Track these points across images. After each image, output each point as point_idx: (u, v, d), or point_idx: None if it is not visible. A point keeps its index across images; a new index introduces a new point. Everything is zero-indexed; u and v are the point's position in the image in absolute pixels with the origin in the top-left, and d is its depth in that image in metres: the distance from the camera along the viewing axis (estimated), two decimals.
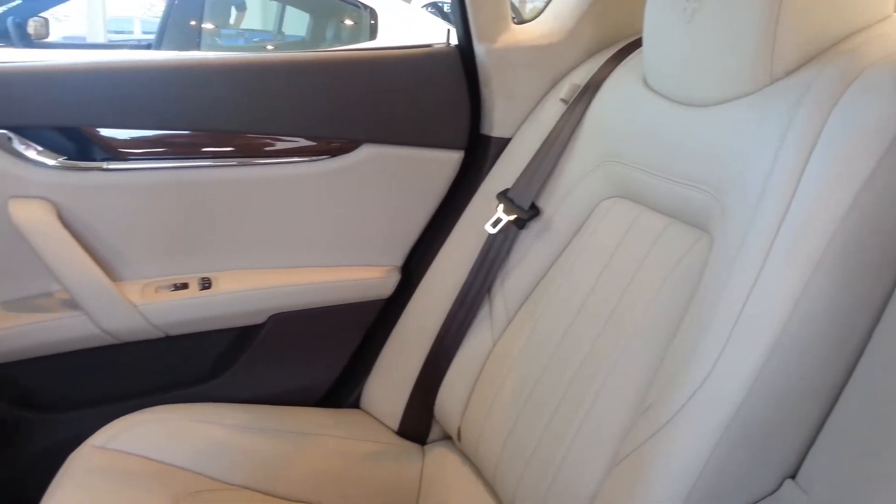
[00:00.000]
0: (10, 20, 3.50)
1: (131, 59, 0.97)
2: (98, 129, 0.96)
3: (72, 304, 0.98)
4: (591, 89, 0.95)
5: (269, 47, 4.17)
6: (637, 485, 0.63)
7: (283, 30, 4.23)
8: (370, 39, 3.50)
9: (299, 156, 1.03)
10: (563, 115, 0.97)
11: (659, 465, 0.62)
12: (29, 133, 0.94)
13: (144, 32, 7.98)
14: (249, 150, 1.01)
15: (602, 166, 0.88)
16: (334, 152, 1.05)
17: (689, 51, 0.74)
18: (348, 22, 3.73)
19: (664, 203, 0.78)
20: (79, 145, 0.96)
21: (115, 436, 0.89)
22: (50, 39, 3.79)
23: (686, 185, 0.74)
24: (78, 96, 0.93)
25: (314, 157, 1.04)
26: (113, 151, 0.97)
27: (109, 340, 1.00)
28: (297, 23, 4.08)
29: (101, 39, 6.89)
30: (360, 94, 1.02)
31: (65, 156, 0.95)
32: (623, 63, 0.93)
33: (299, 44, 4.01)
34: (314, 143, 1.03)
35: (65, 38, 5.30)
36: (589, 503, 0.70)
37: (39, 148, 0.94)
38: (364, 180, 1.07)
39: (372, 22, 3.50)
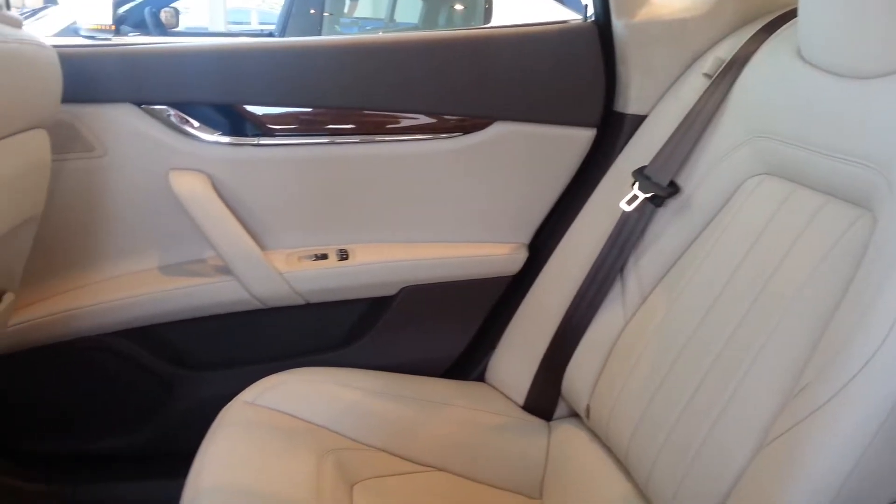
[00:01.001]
0: (147, 10, 3.76)
1: (282, 41, 1.02)
2: (250, 107, 1.02)
3: (224, 270, 1.05)
4: (737, 63, 0.92)
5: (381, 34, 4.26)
6: (790, 466, 0.61)
7: (396, 17, 4.31)
8: (484, 24, 3.51)
9: (433, 133, 1.06)
10: (706, 91, 0.94)
11: (816, 446, 0.60)
12: (188, 109, 1.01)
13: (261, 23, 8.34)
14: (387, 128, 1.05)
15: (750, 143, 0.85)
16: (467, 129, 1.06)
17: (852, 19, 0.70)
18: (460, 7, 3.75)
19: (821, 180, 0.75)
20: (232, 121, 1.02)
21: (262, 393, 0.95)
22: (178, 29, 4.05)
23: (848, 160, 0.71)
24: (233, 75, 0.99)
25: (448, 134, 1.06)
26: (263, 128, 1.02)
27: (256, 305, 1.06)
28: (410, 10, 4.15)
29: (222, 29, 7.26)
30: (495, 72, 1.03)
31: (220, 131, 1.02)
32: (774, 36, 0.89)
33: (412, 30, 4.07)
34: (448, 120, 1.06)
35: (187, 28, 5.62)
36: (732, 484, 0.69)
37: (197, 124, 1.01)
38: (495, 157, 1.08)
39: (486, 6, 3.50)
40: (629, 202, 0.95)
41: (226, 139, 1.02)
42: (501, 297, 1.15)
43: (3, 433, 1.08)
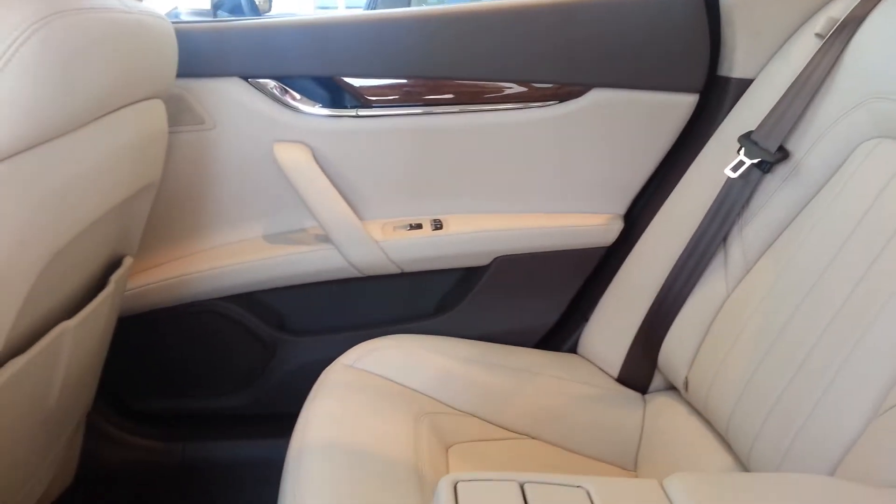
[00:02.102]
0: None
1: (377, 13, 1.03)
2: (349, 79, 1.04)
3: (324, 239, 1.08)
4: (852, 23, 0.86)
5: None
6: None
7: None
8: None
9: (528, 101, 1.05)
10: (817, 52, 0.89)
11: None
12: (290, 82, 1.04)
13: (348, 7, 8.47)
14: (482, 97, 1.05)
15: (865, 104, 0.80)
16: (562, 97, 1.05)
17: None
18: None
19: None
20: (332, 94, 1.05)
21: (361, 357, 0.98)
22: (271, 13, 4.17)
23: None
24: (331, 48, 1.01)
25: (542, 103, 1.05)
26: (362, 99, 1.04)
27: (354, 273, 1.09)
28: None
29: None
30: (591, 37, 1.01)
31: (320, 103, 1.05)
32: None
33: None
34: (543, 89, 1.05)
35: (278, 14, 5.76)
36: (841, 455, 0.66)
37: (298, 96, 1.04)
38: (591, 125, 1.06)
39: None
40: (734, 168, 0.91)
41: (326, 111, 1.04)
42: (595, 268, 1.14)
43: (120, 392, 1.16)
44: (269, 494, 1.15)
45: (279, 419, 1.09)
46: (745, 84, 1.01)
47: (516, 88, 1.05)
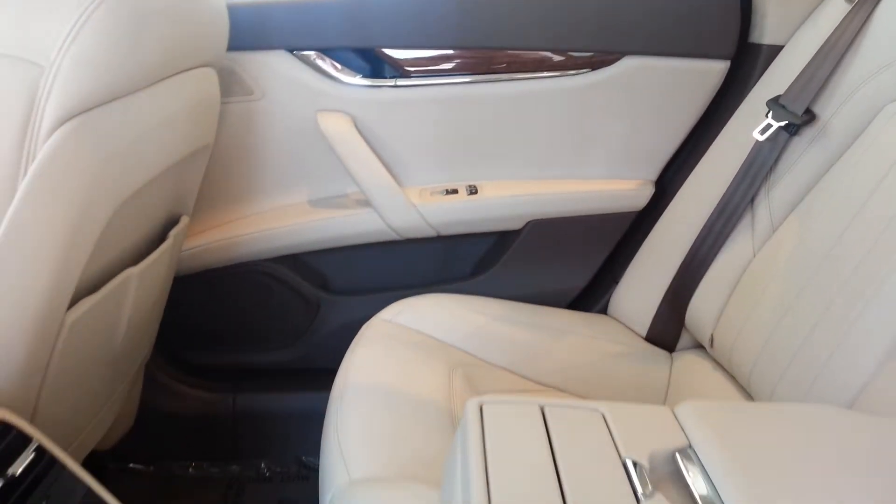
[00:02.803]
0: None
1: None
2: (388, 50, 1.09)
3: (365, 203, 1.14)
4: None
5: None
6: None
7: None
8: None
9: (561, 70, 1.09)
10: (845, 17, 0.91)
11: None
12: (332, 54, 1.09)
13: None
14: (516, 66, 1.09)
15: (891, 68, 0.82)
16: (595, 65, 1.08)
17: None
18: None
19: None
20: (372, 65, 1.10)
21: (399, 313, 1.03)
22: None
23: None
24: (370, 20, 1.06)
25: (576, 71, 1.09)
26: (400, 70, 1.09)
27: (393, 236, 1.15)
28: None
29: None
30: (626, 6, 1.04)
31: (361, 74, 1.10)
32: None
33: None
34: (577, 57, 1.08)
35: None
36: (856, 393, 0.69)
37: (340, 67, 1.10)
38: (624, 93, 1.09)
39: None
40: (762, 132, 0.93)
41: (366, 81, 1.10)
42: (626, 232, 1.17)
43: (176, 346, 1.25)
44: (311, 442, 1.23)
45: (322, 373, 1.16)
46: (775, 50, 1.02)
47: (550, 57, 1.08)
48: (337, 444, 0.77)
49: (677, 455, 0.52)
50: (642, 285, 1.10)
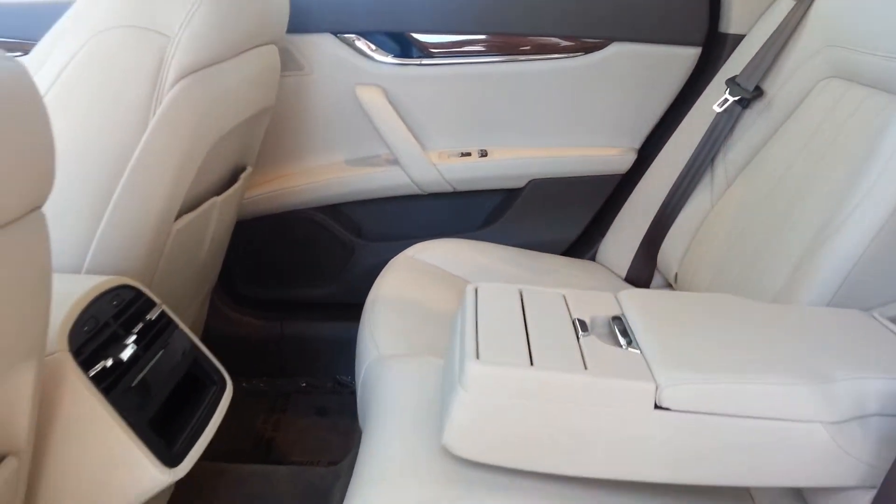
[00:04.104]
0: None
1: None
2: (415, 34, 1.31)
3: (393, 162, 1.37)
4: None
5: None
6: (809, 275, 0.83)
7: None
8: None
9: (560, 53, 1.30)
10: (791, 10, 1.11)
11: (827, 252, 0.81)
12: (369, 37, 1.32)
13: None
14: (521, 50, 1.30)
15: (823, 52, 1.02)
16: (588, 49, 1.29)
17: None
18: None
19: (880, 78, 0.91)
20: (402, 46, 1.32)
21: (419, 252, 1.26)
22: None
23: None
24: (403, 9, 1.28)
25: (572, 54, 1.30)
26: (425, 51, 1.31)
27: (416, 190, 1.37)
28: None
29: None
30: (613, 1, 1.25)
31: (392, 54, 1.32)
32: None
33: None
34: (572, 43, 1.29)
35: None
36: (775, 296, 0.90)
37: (374, 48, 1.32)
38: (611, 73, 1.30)
39: None
40: (720, 105, 1.14)
41: (397, 60, 1.32)
42: (613, 191, 1.38)
43: (235, 280, 1.49)
44: (344, 364, 1.46)
45: (355, 307, 1.38)
46: (739, 39, 1.23)
47: (550, 42, 1.30)
48: (370, 333, 1.00)
49: (611, 319, 0.74)
50: (624, 235, 1.31)
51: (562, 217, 1.40)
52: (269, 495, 1.06)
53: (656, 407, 0.62)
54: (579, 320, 0.73)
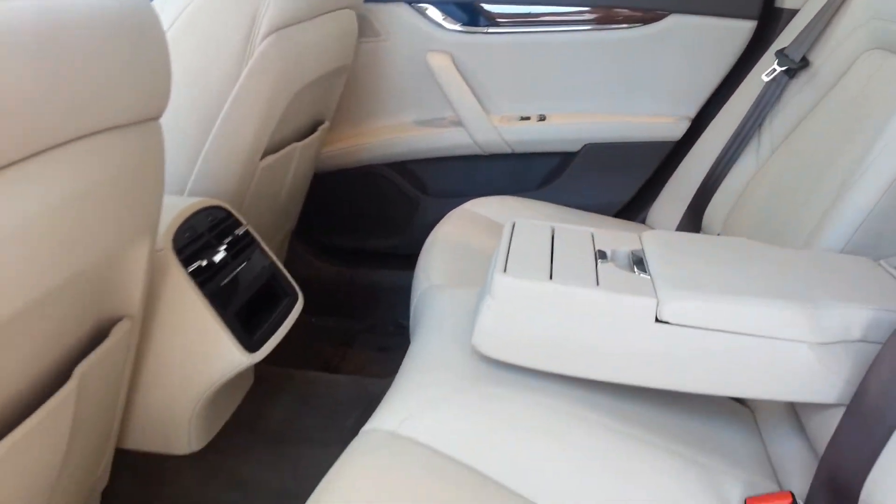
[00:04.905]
0: None
1: None
2: (483, 4, 1.41)
3: (458, 124, 1.48)
4: None
5: None
6: (826, 225, 0.89)
7: None
8: None
9: (620, 23, 1.37)
10: None
11: (841, 210, 0.87)
12: (440, 6, 1.43)
13: None
14: (582, 20, 1.38)
15: (866, 25, 1.06)
16: (647, 21, 1.36)
17: None
18: None
19: None
20: (470, 15, 1.43)
21: (477, 205, 1.37)
22: None
23: None
24: None
25: (631, 25, 1.37)
26: (492, 20, 1.42)
27: (478, 151, 1.48)
28: None
29: None
30: None
31: (461, 22, 1.43)
32: None
33: None
34: (633, 14, 1.36)
35: None
36: (806, 241, 0.96)
37: (445, 16, 1.43)
38: (669, 44, 1.36)
39: None
40: (768, 74, 1.19)
41: (465, 28, 1.43)
42: (665, 158, 1.45)
43: (311, 228, 1.64)
44: (404, 308, 1.59)
45: (416, 257, 1.51)
46: (793, 13, 1.27)
47: (610, 13, 1.37)
48: (425, 268, 1.12)
49: (631, 252, 0.83)
50: (673, 198, 1.38)
51: (615, 181, 1.48)
52: (330, 396, 1.21)
53: (657, 320, 0.71)
54: (601, 251, 0.82)
